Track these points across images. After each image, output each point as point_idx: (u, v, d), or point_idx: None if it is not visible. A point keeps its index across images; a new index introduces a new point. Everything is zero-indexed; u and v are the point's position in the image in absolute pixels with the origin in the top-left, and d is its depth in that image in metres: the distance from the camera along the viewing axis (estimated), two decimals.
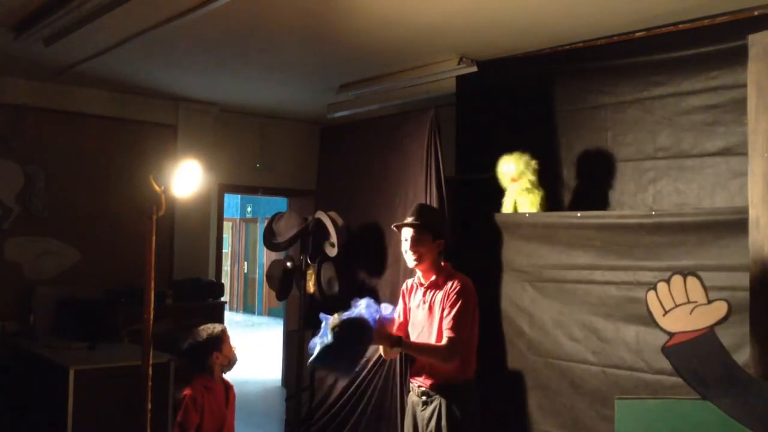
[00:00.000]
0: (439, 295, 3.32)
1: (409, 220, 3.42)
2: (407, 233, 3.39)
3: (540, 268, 4.09)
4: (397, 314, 3.51)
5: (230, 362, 3.75)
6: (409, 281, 3.57)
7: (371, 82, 5.62)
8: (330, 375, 3.72)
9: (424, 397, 3.32)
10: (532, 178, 4.24)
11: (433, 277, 3.37)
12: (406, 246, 3.40)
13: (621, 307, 3.71)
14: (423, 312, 3.38)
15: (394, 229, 3.53)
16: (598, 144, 4.29)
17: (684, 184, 3.90)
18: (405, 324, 3.52)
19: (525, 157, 4.25)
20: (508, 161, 4.29)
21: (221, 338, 3.72)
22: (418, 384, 3.37)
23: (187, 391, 3.60)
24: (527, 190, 4.25)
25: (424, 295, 3.39)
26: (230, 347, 3.75)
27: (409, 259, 3.38)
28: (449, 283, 3.31)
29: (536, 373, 4.05)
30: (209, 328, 3.73)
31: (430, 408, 3.28)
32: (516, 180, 4.27)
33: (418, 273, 3.44)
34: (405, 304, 3.54)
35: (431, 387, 3.30)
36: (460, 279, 3.34)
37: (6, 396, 5.27)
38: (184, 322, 3.77)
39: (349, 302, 3.26)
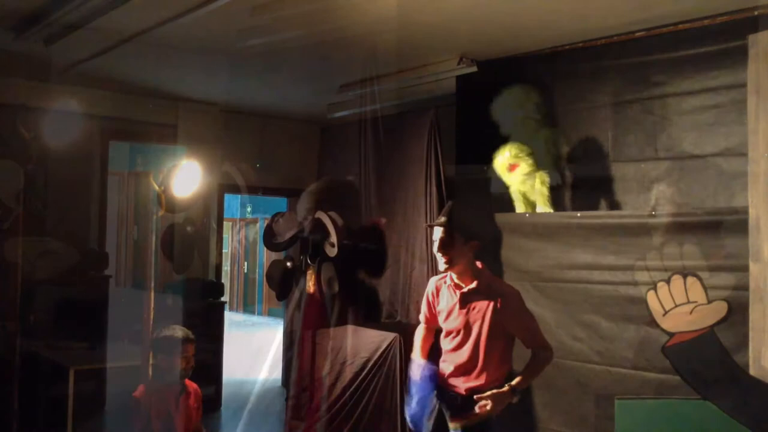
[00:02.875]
0: (483, 302, 3.17)
1: (440, 219, 3.24)
2: (437, 234, 3.22)
3: (541, 268, 4.09)
4: (424, 318, 3.47)
5: (171, 372, 3.42)
6: (434, 281, 3.40)
7: (371, 82, 5.61)
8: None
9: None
10: (530, 160, 4.15)
11: (474, 284, 3.20)
12: (435, 248, 3.23)
13: (621, 307, 3.70)
14: (461, 317, 3.22)
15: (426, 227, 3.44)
16: (598, 144, 4.29)
17: (685, 185, 3.90)
18: (433, 323, 3.44)
19: (517, 146, 4.19)
20: (501, 152, 4.25)
21: (162, 346, 3.45)
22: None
23: (134, 393, 3.41)
24: (527, 174, 4.18)
25: (461, 299, 3.22)
26: (170, 361, 3.39)
27: (440, 261, 3.21)
28: (504, 292, 3.22)
29: (542, 372, 4.04)
30: (162, 332, 3.48)
31: None
32: (513, 168, 4.20)
33: (452, 274, 3.27)
34: (431, 307, 3.40)
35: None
36: (508, 287, 3.28)
37: (6, 396, 5.27)
38: (183, 323, 3.70)
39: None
